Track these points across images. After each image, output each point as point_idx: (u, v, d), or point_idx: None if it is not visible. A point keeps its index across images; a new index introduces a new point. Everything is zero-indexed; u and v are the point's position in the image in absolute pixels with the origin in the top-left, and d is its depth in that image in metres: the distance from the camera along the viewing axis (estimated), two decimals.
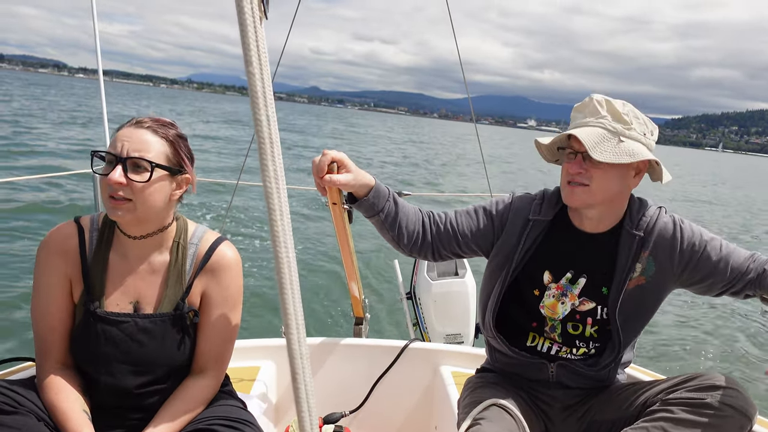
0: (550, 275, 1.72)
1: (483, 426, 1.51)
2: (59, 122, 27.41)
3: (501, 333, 1.76)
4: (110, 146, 1.44)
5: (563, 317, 1.71)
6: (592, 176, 1.57)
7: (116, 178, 1.39)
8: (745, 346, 7.31)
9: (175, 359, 1.55)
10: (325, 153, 1.54)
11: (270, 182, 0.63)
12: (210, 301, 1.58)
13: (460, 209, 1.79)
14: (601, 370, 1.71)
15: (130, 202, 1.42)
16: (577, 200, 1.61)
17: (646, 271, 1.66)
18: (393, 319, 6.26)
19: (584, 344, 1.72)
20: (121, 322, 1.50)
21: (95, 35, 3.09)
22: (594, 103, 1.61)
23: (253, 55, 0.60)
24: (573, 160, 1.60)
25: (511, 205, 1.77)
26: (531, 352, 1.75)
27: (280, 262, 0.67)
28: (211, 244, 1.59)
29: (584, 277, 1.70)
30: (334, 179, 1.53)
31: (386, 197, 1.65)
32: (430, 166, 26.75)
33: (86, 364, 1.51)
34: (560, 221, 1.73)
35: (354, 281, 2.46)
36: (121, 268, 1.53)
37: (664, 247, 1.66)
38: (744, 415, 1.43)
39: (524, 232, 1.72)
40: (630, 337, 1.71)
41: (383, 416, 2.39)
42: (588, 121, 1.60)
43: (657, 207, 1.72)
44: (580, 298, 1.70)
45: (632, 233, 1.66)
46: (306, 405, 0.72)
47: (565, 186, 1.63)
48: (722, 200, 28.36)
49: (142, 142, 1.44)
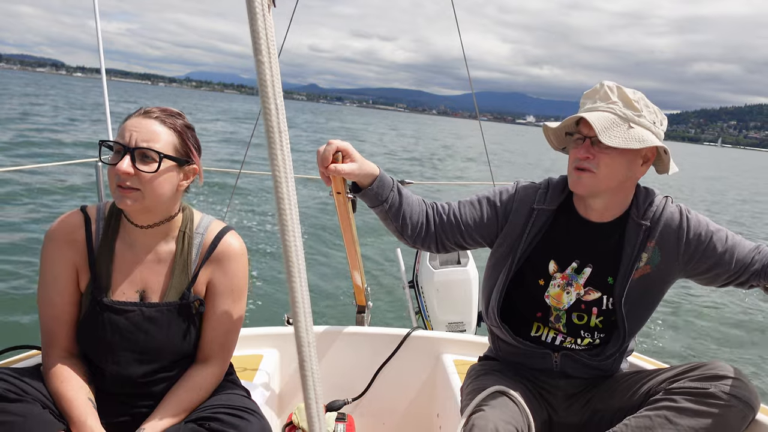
0: (555, 265, 1.71)
1: (486, 412, 1.51)
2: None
3: (505, 322, 1.76)
4: (118, 136, 1.45)
5: (568, 307, 1.71)
6: (599, 162, 1.56)
7: (124, 168, 1.40)
8: (750, 336, 7.33)
9: (181, 348, 1.56)
10: (330, 143, 1.53)
11: (279, 171, 0.63)
12: (215, 290, 1.59)
13: (463, 199, 1.77)
14: (605, 360, 1.71)
15: (137, 191, 1.43)
16: (583, 187, 1.60)
17: (652, 260, 1.65)
18: (395, 307, 6.28)
19: (589, 334, 1.72)
20: (127, 311, 1.51)
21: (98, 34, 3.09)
22: (605, 89, 1.59)
23: (262, 43, 0.59)
24: (581, 145, 1.59)
25: (516, 194, 1.75)
26: (535, 342, 1.75)
27: (288, 251, 0.67)
28: (216, 234, 1.60)
29: (590, 266, 1.69)
30: (339, 169, 1.52)
31: (390, 187, 1.64)
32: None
33: (92, 353, 1.52)
34: (565, 210, 1.72)
35: (356, 270, 2.46)
36: (128, 257, 1.54)
37: (670, 236, 1.65)
38: (747, 404, 1.44)
39: (529, 221, 1.71)
40: (635, 327, 1.70)
41: (385, 404, 2.41)
42: (598, 106, 1.58)
43: (663, 196, 1.71)
44: (585, 287, 1.69)
45: (639, 223, 1.65)
46: (313, 392, 0.73)
47: (571, 172, 1.62)
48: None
49: (151, 132, 1.44)
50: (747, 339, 7.20)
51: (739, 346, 6.98)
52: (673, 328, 7.17)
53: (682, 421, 1.43)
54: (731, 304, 8.48)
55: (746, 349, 6.86)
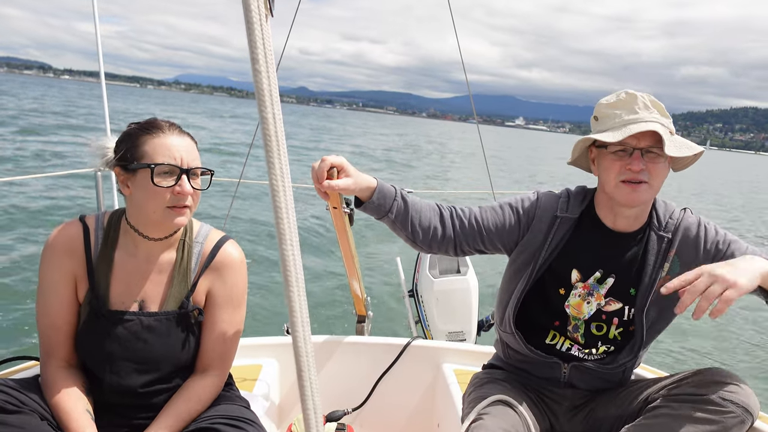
0: (578, 274, 1.69)
1: (486, 421, 1.50)
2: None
3: (519, 330, 1.74)
4: (165, 157, 1.44)
5: (588, 317, 1.69)
6: (651, 173, 1.54)
7: (191, 189, 1.45)
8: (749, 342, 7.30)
9: (180, 358, 1.55)
10: (324, 159, 1.52)
11: (276, 180, 0.63)
12: (214, 300, 1.59)
13: (485, 205, 1.76)
14: (616, 369, 1.70)
15: (188, 208, 1.48)
16: (640, 199, 1.57)
17: (672, 270, 1.65)
18: (395, 316, 6.26)
19: (606, 345, 1.71)
20: (126, 321, 1.50)
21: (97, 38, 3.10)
22: (639, 99, 1.57)
23: (259, 52, 0.59)
24: (627, 157, 1.55)
25: (538, 202, 1.74)
26: (548, 350, 1.73)
27: (286, 260, 0.66)
28: (216, 243, 1.60)
29: (612, 276, 1.67)
30: (333, 185, 1.51)
31: (393, 197, 1.62)
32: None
33: (91, 363, 1.52)
34: (587, 219, 1.71)
35: (355, 280, 2.46)
36: (127, 266, 1.54)
37: (689, 246, 1.65)
38: (746, 410, 1.43)
39: (552, 229, 1.70)
40: (651, 338, 1.70)
41: (386, 414, 2.40)
42: (641, 117, 1.55)
43: (682, 209, 1.71)
44: (606, 298, 1.68)
45: (660, 235, 1.65)
46: (311, 403, 0.72)
47: (620, 185, 1.57)
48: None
49: (192, 150, 1.50)
50: (746, 345, 7.18)
51: (738, 352, 6.96)
52: (673, 335, 7.15)
53: (681, 428, 1.42)
54: (730, 310, 8.45)
55: (745, 355, 6.84)
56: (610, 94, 1.64)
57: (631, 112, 1.57)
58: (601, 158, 1.63)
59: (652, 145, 1.54)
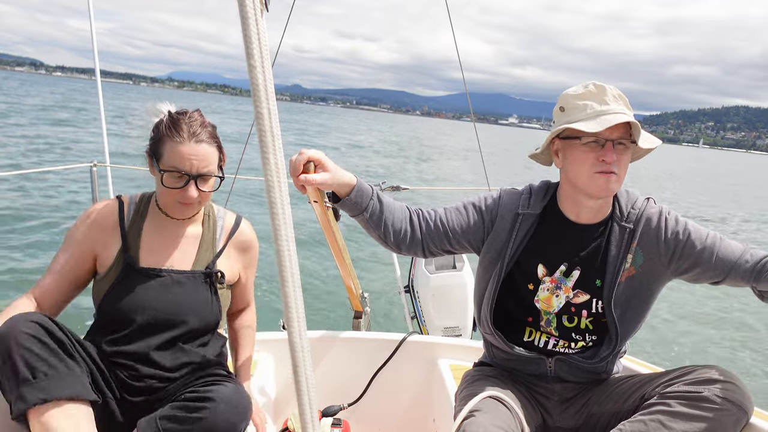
0: (544, 269, 1.71)
1: (478, 417, 1.51)
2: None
3: (498, 329, 1.76)
4: (176, 162, 1.60)
5: (558, 310, 1.71)
6: (620, 164, 1.57)
7: (194, 195, 1.63)
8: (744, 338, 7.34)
9: (204, 313, 1.72)
10: (302, 152, 1.50)
11: (271, 175, 0.63)
12: (240, 264, 1.88)
13: (449, 206, 1.78)
14: (599, 363, 1.71)
15: (196, 203, 1.67)
16: (611, 190, 1.58)
17: (636, 261, 1.66)
18: (391, 312, 6.27)
19: (581, 337, 1.72)
20: (157, 276, 1.68)
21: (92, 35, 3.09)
22: (608, 90, 1.58)
23: (254, 47, 0.59)
24: (599, 149, 1.56)
25: (500, 200, 1.76)
26: (528, 347, 1.75)
27: (281, 255, 0.66)
28: (235, 220, 1.88)
29: (578, 269, 1.69)
30: (309, 179, 1.49)
31: (370, 196, 1.62)
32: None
33: (120, 318, 1.62)
34: (550, 214, 1.73)
35: (348, 276, 2.46)
36: (157, 235, 1.73)
37: (650, 236, 1.66)
38: (741, 408, 1.43)
39: (515, 226, 1.72)
40: (628, 329, 1.70)
41: (382, 409, 2.40)
42: (612, 108, 1.56)
43: (645, 198, 1.72)
44: (574, 290, 1.70)
45: (622, 225, 1.67)
46: (307, 398, 0.72)
47: (594, 176, 1.57)
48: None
49: (206, 157, 1.63)
50: (740, 341, 7.22)
51: (733, 348, 6.99)
52: (665, 331, 7.19)
53: (676, 425, 1.43)
54: (724, 306, 8.50)
55: (740, 352, 6.87)
56: (575, 86, 1.64)
57: (602, 103, 1.57)
58: (569, 150, 1.62)
59: (622, 136, 1.56)
